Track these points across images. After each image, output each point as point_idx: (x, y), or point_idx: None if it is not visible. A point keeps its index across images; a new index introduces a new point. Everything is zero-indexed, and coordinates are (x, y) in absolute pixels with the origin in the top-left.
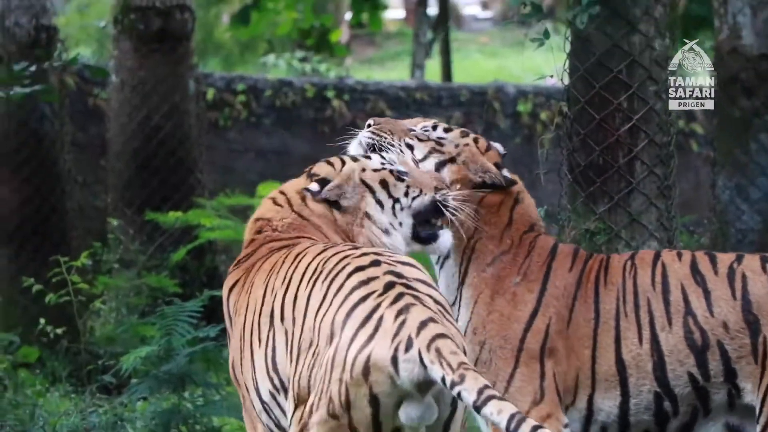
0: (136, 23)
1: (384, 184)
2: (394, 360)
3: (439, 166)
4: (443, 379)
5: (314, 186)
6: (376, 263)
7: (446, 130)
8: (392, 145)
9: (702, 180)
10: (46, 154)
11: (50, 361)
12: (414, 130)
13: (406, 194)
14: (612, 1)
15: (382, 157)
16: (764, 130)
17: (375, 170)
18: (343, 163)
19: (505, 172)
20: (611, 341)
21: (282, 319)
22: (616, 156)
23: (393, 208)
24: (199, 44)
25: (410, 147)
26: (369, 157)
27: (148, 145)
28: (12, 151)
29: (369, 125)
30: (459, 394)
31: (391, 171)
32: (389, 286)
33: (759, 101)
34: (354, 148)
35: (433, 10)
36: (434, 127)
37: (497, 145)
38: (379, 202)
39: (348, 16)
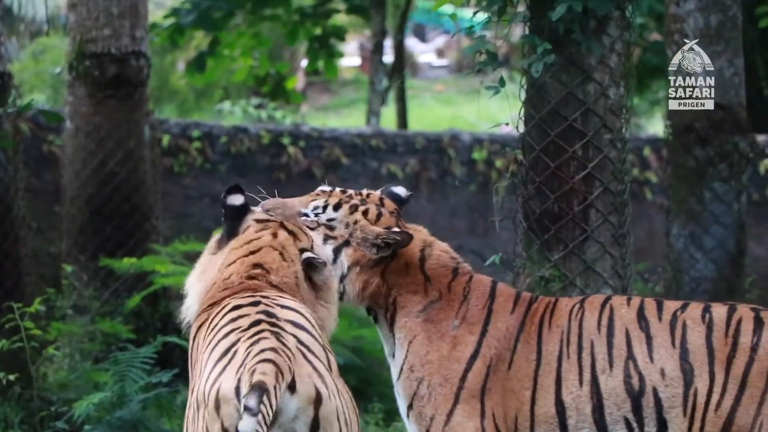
0: (91, 69)
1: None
2: (237, 391)
3: (336, 252)
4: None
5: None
6: (255, 304)
7: (336, 208)
8: None
9: (656, 228)
10: None
11: (2, 407)
12: (306, 214)
13: None
14: (567, 50)
15: None
16: (718, 179)
17: None
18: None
19: (395, 230)
20: (552, 382)
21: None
22: (570, 204)
23: None
24: (154, 91)
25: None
26: None
27: (103, 191)
28: None
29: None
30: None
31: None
32: (255, 323)
33: (713, 150)
34: None
35: (388, 57)
36: (324, 207)
37: (398, 190)
38: None
39: (304, 63)
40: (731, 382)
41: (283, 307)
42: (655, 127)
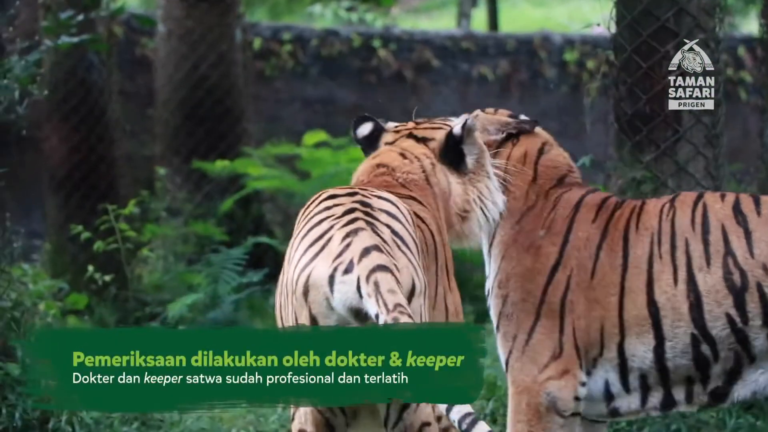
0: None
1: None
2: (331, 280)
3: None
4: (377, 316)
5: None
6: (352, 194)
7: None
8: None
9: (750, 128)
10: (94, 103)
11: (99, 308)
12: None
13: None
14: None
15: None
16: None
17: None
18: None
19: (523, 116)
20: (642, 285)
21: None
22: (662, 105)
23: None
24: None
25: None
26: None
27: (195, 95)
28: (60, 100)
29: None
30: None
31: None
32: (349, 211)
33: None
34: None
35: None
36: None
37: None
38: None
39: None
40: None
41: (379, 197)
42: (750, 26)
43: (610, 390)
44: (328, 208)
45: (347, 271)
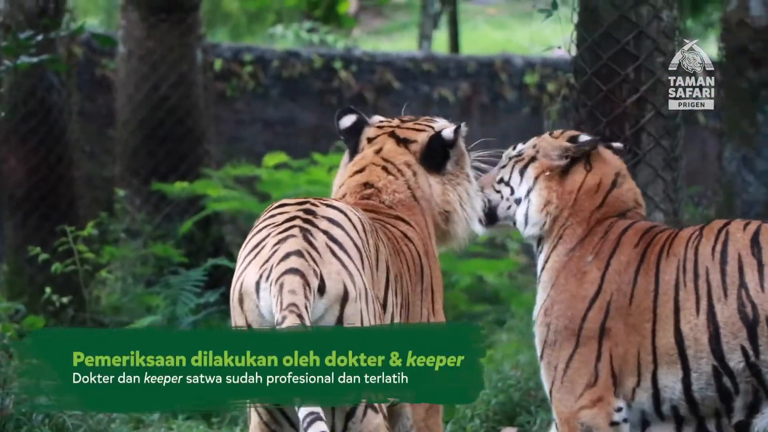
0: None
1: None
2: (257, 286)
3: (523, 169)
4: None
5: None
6: (301, 203)
7: (522, 143)
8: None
9: (708, 151)
10: (53, 124)
11: None
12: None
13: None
14: None
15: None
16: None
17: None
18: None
19: (584, 137)
20: (670, 313)
21: None
22: (622, 127)
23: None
24: (207, 14)
25: (501, 181)
26: None
27: (156, 116)
28: (19, 120)
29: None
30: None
31: None
32: (289, 219)
33: (766, 72)
34: None
35: None
36: (514, 148)
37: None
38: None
39: None
40: None
41: (328, 205)
42: (709, 49)
43: (646, 418)
44: (272, 216)
45: (269, 276)
